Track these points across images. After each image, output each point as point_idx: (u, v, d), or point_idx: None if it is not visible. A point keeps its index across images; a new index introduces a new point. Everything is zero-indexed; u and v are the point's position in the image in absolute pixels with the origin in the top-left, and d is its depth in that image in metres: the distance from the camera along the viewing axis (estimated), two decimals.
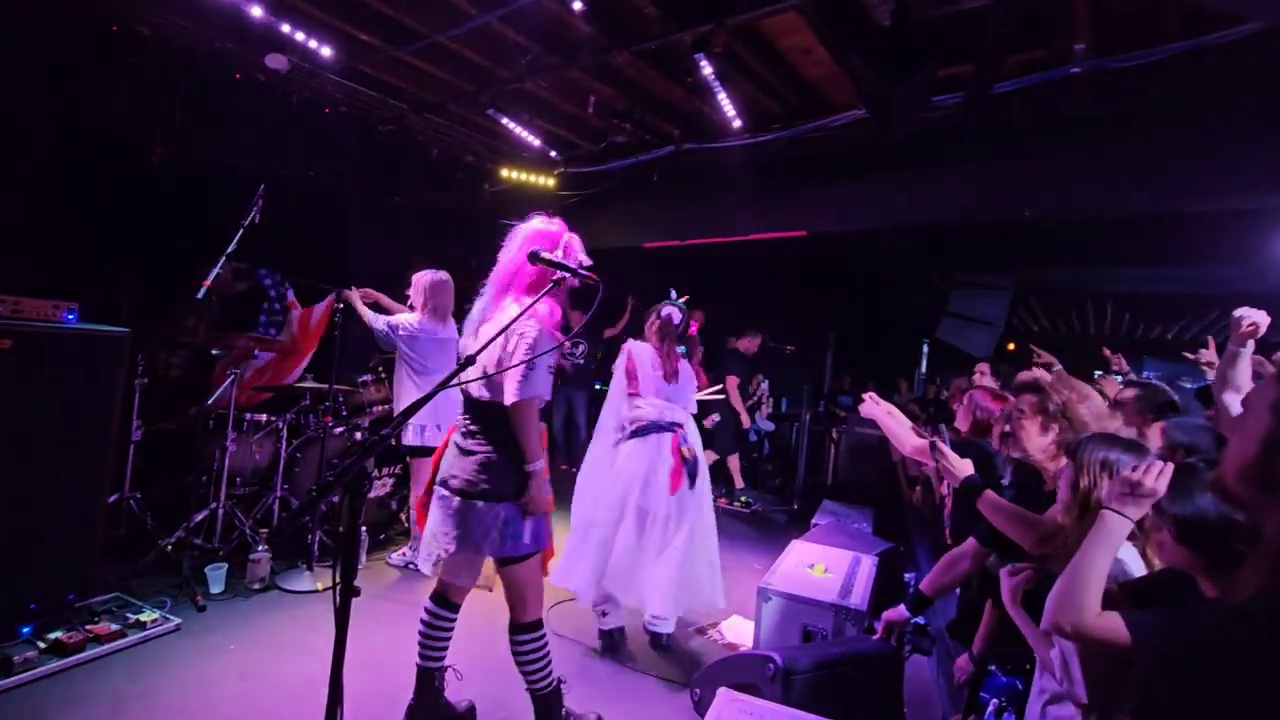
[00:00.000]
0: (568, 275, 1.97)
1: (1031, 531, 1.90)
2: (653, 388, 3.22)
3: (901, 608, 2.52)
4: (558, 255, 2.09)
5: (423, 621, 2.30)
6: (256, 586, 3.36)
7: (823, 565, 3.30)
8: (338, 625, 1.13)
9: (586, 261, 2.21)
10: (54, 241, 3.87)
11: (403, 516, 4.39)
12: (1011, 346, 8.91)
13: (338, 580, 1.11)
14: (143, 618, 2.82)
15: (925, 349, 9.63)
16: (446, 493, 2.18)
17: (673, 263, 6.87)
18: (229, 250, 3.61)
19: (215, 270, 3.47)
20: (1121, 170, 4.15)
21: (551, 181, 6.38)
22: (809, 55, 4.08)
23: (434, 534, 2.20)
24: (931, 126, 4.31)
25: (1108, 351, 4.50)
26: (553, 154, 5.83)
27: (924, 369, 9.58)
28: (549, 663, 2.27)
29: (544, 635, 2.26)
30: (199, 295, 3.37)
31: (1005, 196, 4.66)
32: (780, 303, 7.76)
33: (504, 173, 6.23)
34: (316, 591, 3.40)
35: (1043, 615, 1.40)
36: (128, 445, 3.58)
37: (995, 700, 1.81)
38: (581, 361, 6.57)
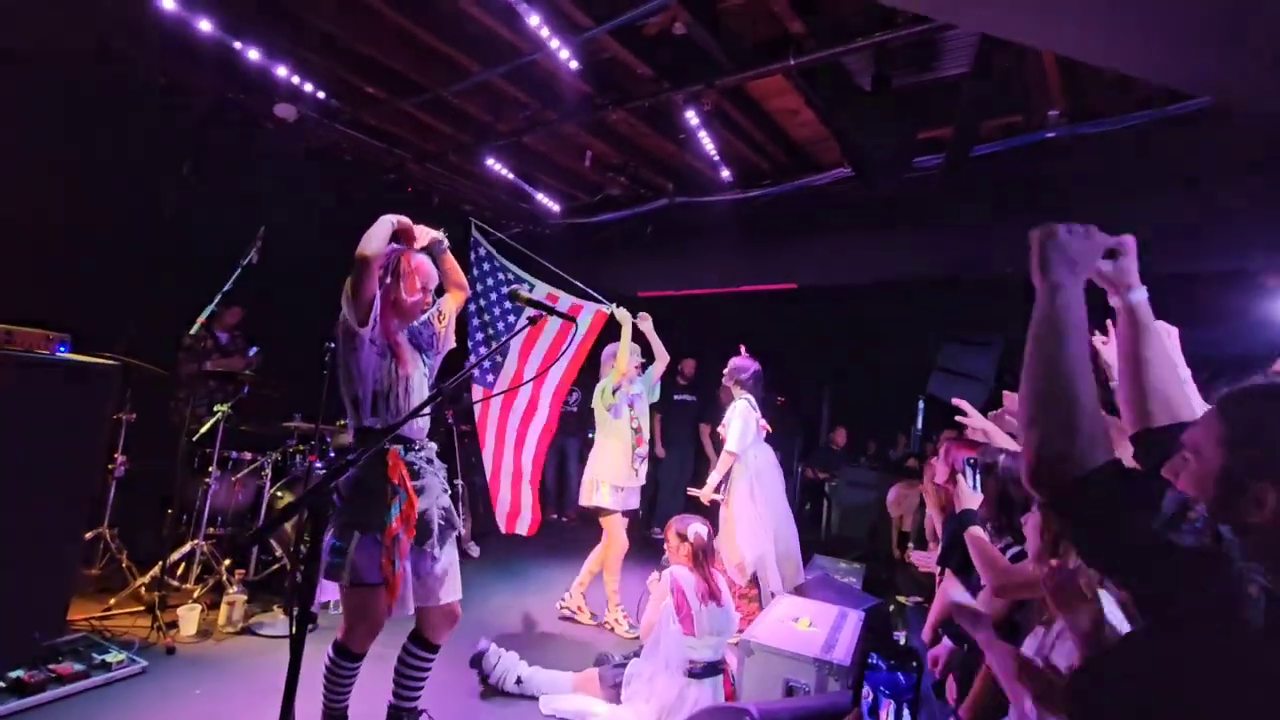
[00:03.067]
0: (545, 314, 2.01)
1: (998, 577, 1.89)
2: (705, 622, 2.88)
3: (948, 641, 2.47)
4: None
5: (401, 659, 2.35)
6: (230, 630, 3.28)
7: (807, 619, 3.24)
8: (292, 653, 1.12)
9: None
10: (58, 277, 3.93)
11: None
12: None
13: (294, 607, 1.11)
14: (108, 659, 2.74)
15: (921, 404, 9.63)
16: None
17: (668, 312, 6.96)
18: (225, 289, 3.69)
19: (211, 307, 3.54)
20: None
21: (547, 231, 6.54)
22: (796, 116, 4.26)
23: None
24: (914, 186, 4.46)
25: None
26: (553, 207, 6.00)
27: (920, 424, 9.57)
28: (345, 691, 2.25)
29: (357, 668, 2.24)
30: (191, 332, 3.42)
31: (989, 254, 4.77)
32: (772, 354, 7.82)
33: (501, 222, 6.39)
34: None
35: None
36: (109, 480, 3.55)
37: None
38: (575, 410, 6.58)
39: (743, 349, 4.59)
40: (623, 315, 4.10)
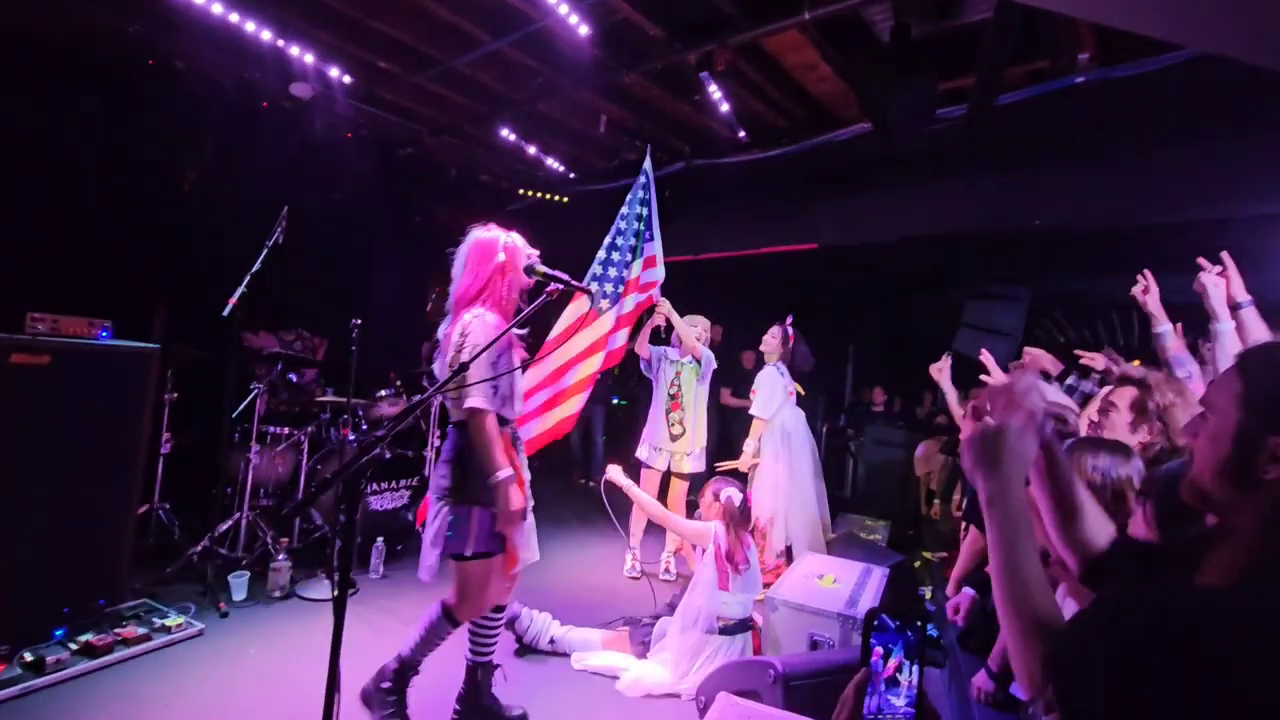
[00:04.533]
0: (560, 285, 2.03)
1: (1039, 533, 1.89)
2: (739, 579, 2.99)
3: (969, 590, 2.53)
4: (499, 259, 2.22)
5: (471, 621, 2.43)
6: (277, 594, 3.45)
7: (832, 576, 3.30)
8: (335, 615, 1.20)
9: (533, 253, 2.32)
10: (92, 264, 4.07)
11: (419, 528, 4.48)
12: None
13: (335, 571, 1.18)
14: (168, 622, 2.93)
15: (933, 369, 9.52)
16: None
17: (688, 277, 6.94)
18: (254, 269, 3.77)
19: (241, 289, 3.64)
20: (1131, 179, 4.13)
21: (566, 199, 6.53)
22: (814, 71, 4.16)
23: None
24: (936, 139, 4.34)
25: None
26: (567, 173, 5.97)
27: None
28: (434, 647, 2.36)
29: (455, 629, 2.35)
30: (225, 314, 3.53)
31: (1015, 207, 4.65)
32: (795, 314, 7.78)
33: (521, 192, 6.40)
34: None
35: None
36: (156, 457, 3.72)
37: None
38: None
39: (790, 319, 4.62)
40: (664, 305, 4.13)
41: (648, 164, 4.04)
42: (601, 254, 3.84)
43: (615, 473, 3.13)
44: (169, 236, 4.39)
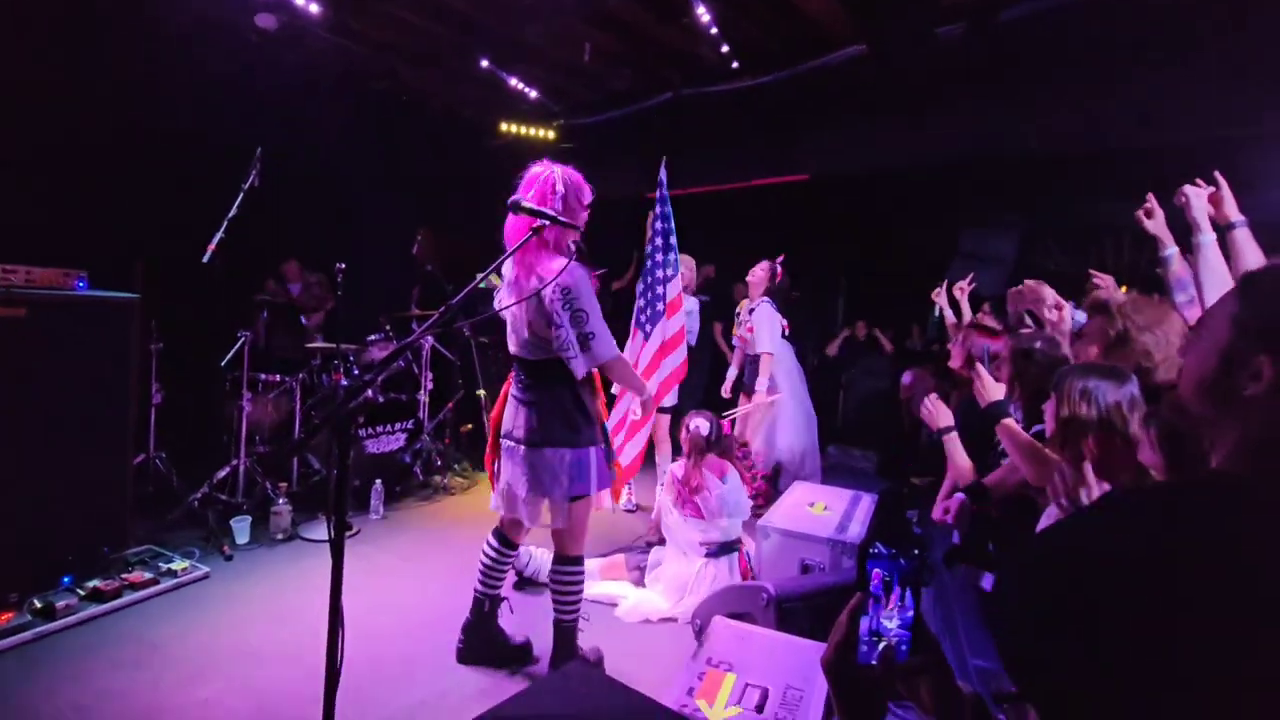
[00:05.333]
0: (548, 223, 1.98)
1: (1041, 468, 1.91)
2: (714, 506, 3.08)
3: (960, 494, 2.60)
4: (557, 197, 2.13)
5: (484, 554, 2.50)
6: (280, 536, 3.52)
7: (822, 504, 3.38)
8: (334, 557, 1.22)
9: (588, 198, 2.26)
10: (62, 213, 3.94)
11: (416, 470, 4.54)
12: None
13: (331, 515, 1.19)
14: (174, 566, 2.99)
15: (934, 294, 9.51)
16: (512, 444, 2.32)
17: (678, 211, 6.81)
18: (231, 215, 3.67)
19: (219, 234, 3.54)
20: (1131, 99, 4.02)
21: (551, 134, 6.32)
22: None
23: (509, 482, 2.34)
24: (933, 61, 4.18)
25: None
26: (551, 105, 5.76)
27: (936, 313, 9.50)
28: (579, 598, 2.43)
29: (582, 572, 2.43)
30: (205, 260, 3.45)
31: (1011, 131, 4.54)
32: (787, 249, 7.70)
33: (502, 126, 6.18)
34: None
35: None
36: (149, 407, 3.71)
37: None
38: None
39: (781, 257, 4.62)
40: None
41: (663, 174, 3.93)
42: (639, 284, 3.83)
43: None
44: (142, 182, 4.24)
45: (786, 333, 4.59)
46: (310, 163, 4.92)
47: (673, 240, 3.82)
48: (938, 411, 2.51)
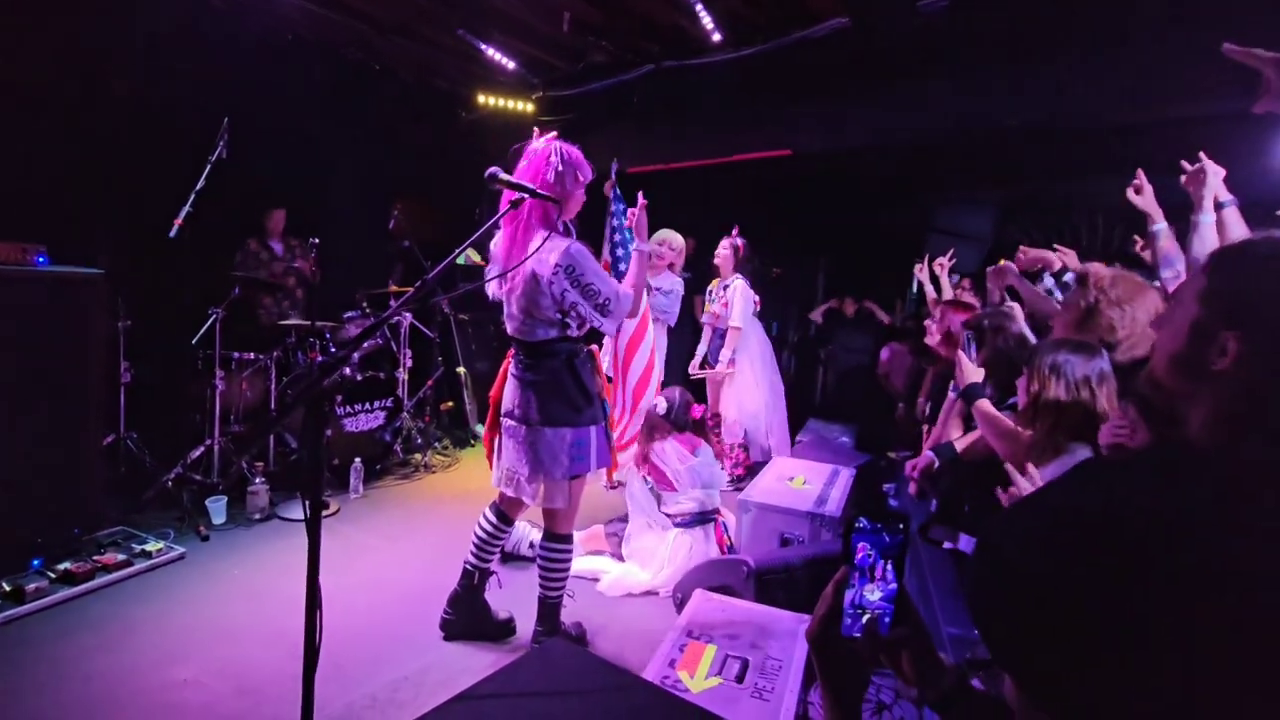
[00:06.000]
0: (526, 196, 1.95)
1: (1013, 444, 1.95)
2: (687, 479, 3.10)
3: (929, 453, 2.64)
4: (551, 170, 2.13)
5: (480, 527, 2.51)
6: (257, 516, 3.48)
7: (802, 478, 3.42)
8: (310, 537, 1.20)
9: (586, 176, 2.26)
10: (18, 184, 3.79)
11: (396, 448, 4.50)
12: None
13: (306, 496, 1.17)
14: (148, 548, 2.94)
15: (917, 269, 9.60)
16: (513, 423, 2.31)
17: (659, 186, 6.73)
18: (198, 187, 3.56)
19: (185, 208, 3.44)
20: (1109, 75, 4.02)
21: (530, 106, 6.19)
22: None
23: (511, 462, 2.34)
24: (916, 34, 4.15)
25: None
26: (530, 77, 5.64)
27: (915, 288, 9.59)
28: (566, 576, 2.45)
29: (571, 550, 2.45)
30: (171, 235, 3.35)
31: (993, 106, 4.53)
32: (768, 225, 7.69)
33: (480, 98, 6.04)
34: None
35: None
36: (117, 386, 3.62)
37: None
38: None
39: (735, 230, 4.66)
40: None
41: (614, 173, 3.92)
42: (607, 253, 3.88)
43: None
44: (105, 153, 4.08)
45: (758, 309, 4.73)
46: (281, 134, 4.77)
47: (622, 252, 3.87)
48: (965, 367, 2.40)
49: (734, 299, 4.53)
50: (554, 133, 2.31)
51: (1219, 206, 1.68)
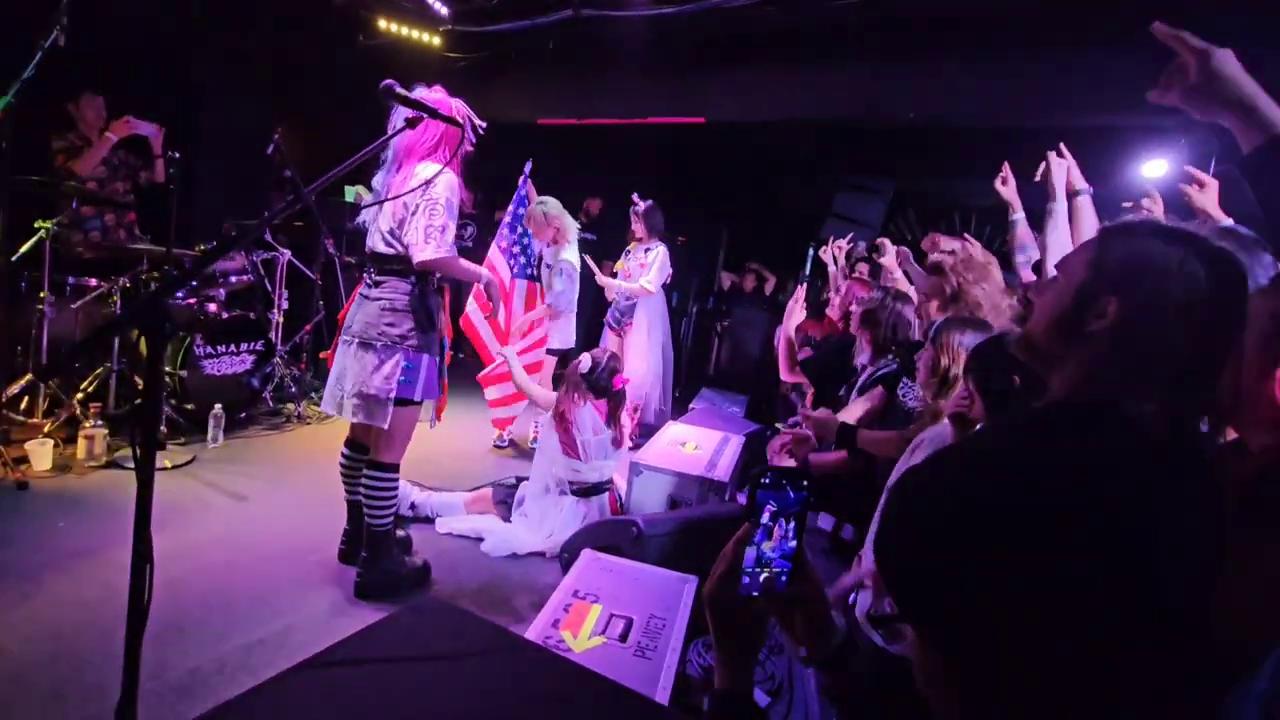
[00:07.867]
0: (428, 116, 1.77)
1: (900, 444, 2.05)
2: (594, 451, 3.01)
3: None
4: (456, 108, 2.21)
5: (341, 463, 2.53)
6: (92, 464, 3.08)
7: (693, 444, 3.46)
8: (139, 477, 1.04)
9: (474, 133, 2.29)
10: None
11: (266, 396, 4.13)
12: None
13: (138, 440, 1.00)
14: None
15: (811, 251, 9.97)
16: (349, 338, 2.30)
17: (568, 141, 6.53)
18: (25, 76, 3.01)
19: (7, 98, 2.91)
20: (1009, 79, 4.27)
21: (437, 40, 5.77)
22: None
23: (336, 378, 2.33)
24: (833, 15, 4.21)
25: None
26: (439, 8, 5.24)
27: (808, 269, 9.96)
28: (392, 506, 2.41)
29: (396, 479, 2.41)
30: None
31: (896, 97, 4.71)
32: (674, 192, 7.68)
33: (381, 24, 5.55)
34: (165, 469, 3.16)
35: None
36: None
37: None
38: (470, 245, 6.26)
39: (635, 197, 4.56)
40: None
41: (527, 169, 4.09)
42: (508, 232, 4.11)
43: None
44: None
45: (668, 281, 4.71)
46: (137, 25, 4.14)
47: (518, 250, 4.18)
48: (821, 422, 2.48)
49: (653, 263, 4.47)
50: (440, 86, 2.29)
51: (1075, 194, 1.80)
